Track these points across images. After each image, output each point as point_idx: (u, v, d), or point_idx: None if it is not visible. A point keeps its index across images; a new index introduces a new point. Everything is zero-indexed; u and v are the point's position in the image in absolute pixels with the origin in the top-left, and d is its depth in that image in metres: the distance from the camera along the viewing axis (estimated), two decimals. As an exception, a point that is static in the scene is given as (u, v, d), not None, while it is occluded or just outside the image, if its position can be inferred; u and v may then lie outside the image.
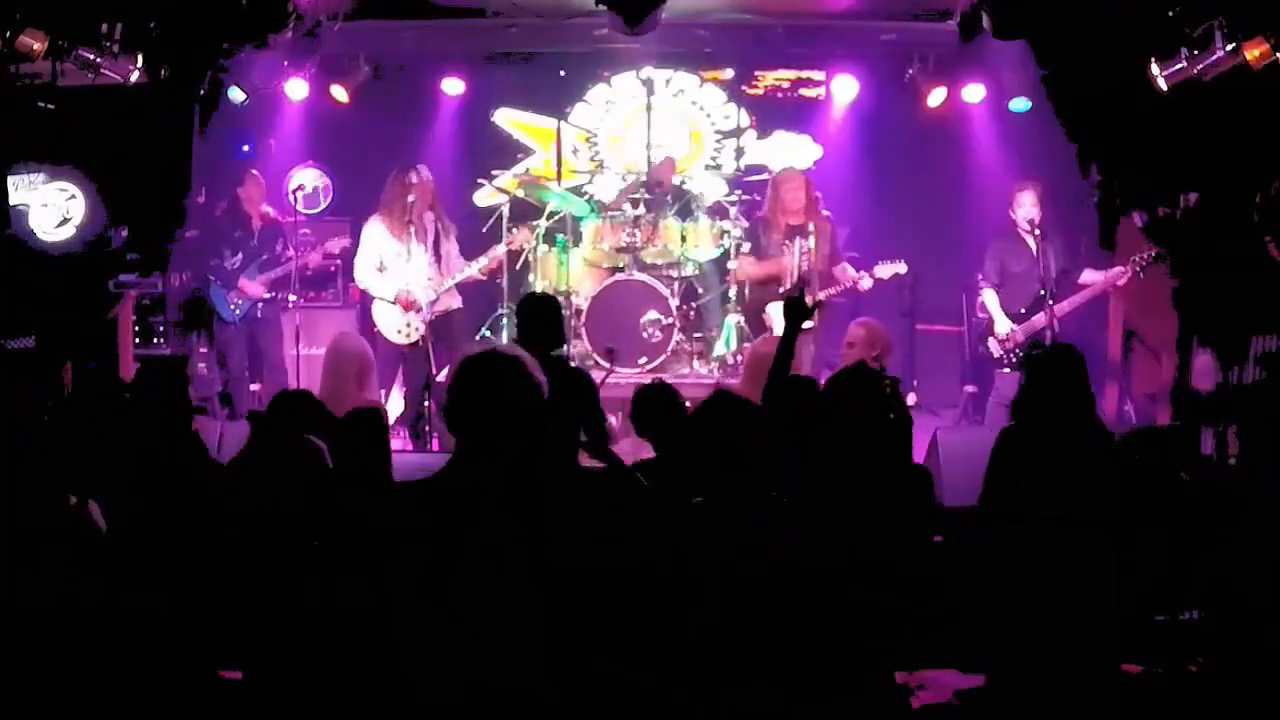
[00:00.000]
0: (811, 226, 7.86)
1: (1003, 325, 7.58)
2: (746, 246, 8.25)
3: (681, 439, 4.54)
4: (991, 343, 7.66)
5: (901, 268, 7.91)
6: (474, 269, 7.83)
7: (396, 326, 7.61)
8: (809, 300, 7.66)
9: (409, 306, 7.60)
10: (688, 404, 5.03)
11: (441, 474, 3.05)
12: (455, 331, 7.82)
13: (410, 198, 7.54)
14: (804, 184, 8.04)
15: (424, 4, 8.41)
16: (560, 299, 8.45)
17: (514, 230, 8.38)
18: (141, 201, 7.30)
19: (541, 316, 5.62)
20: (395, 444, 7.14)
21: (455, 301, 7.90)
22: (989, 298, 7.68)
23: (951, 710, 4.02)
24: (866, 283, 7.87)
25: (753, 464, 3.67)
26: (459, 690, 2.86)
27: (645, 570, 3.59)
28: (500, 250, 8.21)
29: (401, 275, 7.61)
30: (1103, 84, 6.97)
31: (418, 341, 7.60)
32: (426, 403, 7.59)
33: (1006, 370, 7.60)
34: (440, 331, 7.69)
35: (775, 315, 7.86)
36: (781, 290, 5.21)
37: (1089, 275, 7.62)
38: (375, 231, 7.66)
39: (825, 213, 7.74)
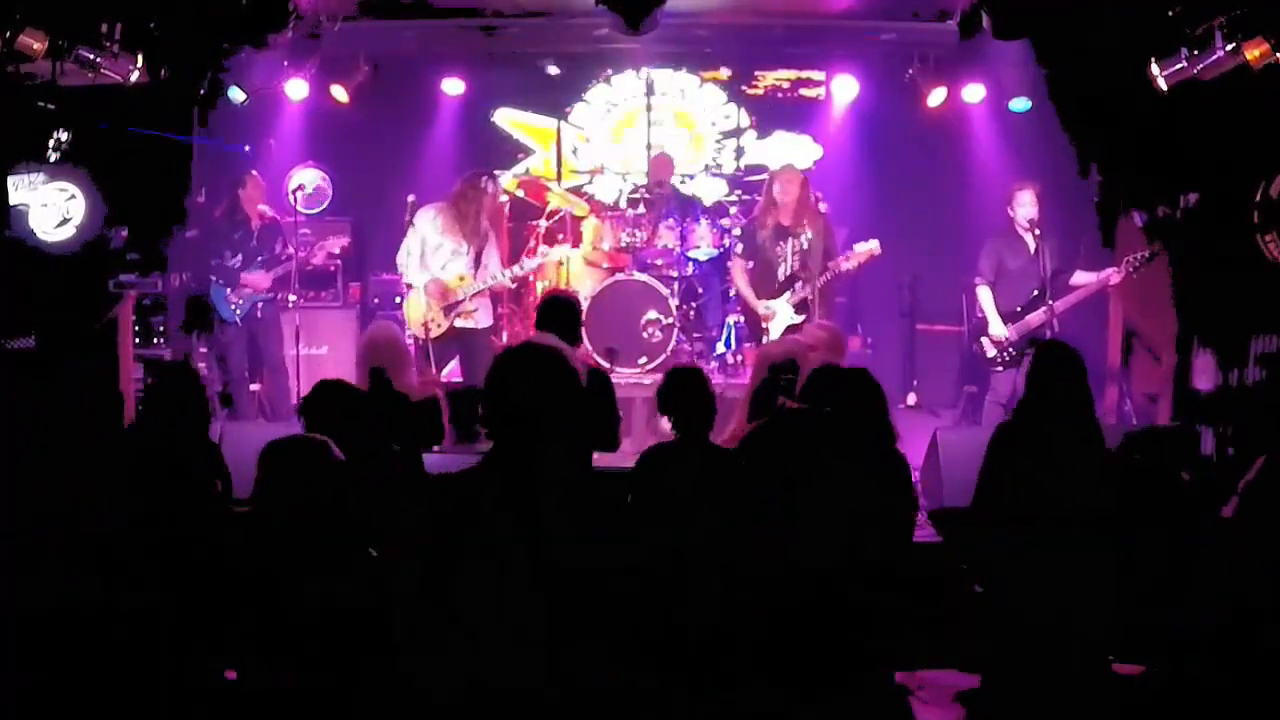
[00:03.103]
0: (807, 228, 7.83)
1: (996, 325, 7.53)
2: (740, 248, 8.20)
3: (704, 424, 4.56)
4: (985, 341, 7.60)
5: (874, 246, 7.86)
6: (505, 277, 7.74)
7: (419, 320, 7.56)
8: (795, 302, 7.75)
9: (439, 295, 7.50)
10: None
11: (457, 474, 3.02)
12: (479, 352, 7.66)
13: (476, 204, 7.54)
14: (799, 182, 7.96)
15: (424, 4, 8.40)
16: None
17: (547, 248, 8.49)
18: (141, 201, 7.30)
19: (560, 314, 5.66)
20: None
21: (485, 318, 7.78)
22: (983, 294, 7.63)
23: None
24: (846, 265, 7.84)
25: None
26: (459, 690, 2.86)
27: (645, 570, 3.59)
28: (533, 264, 8.27)
29: (435, 269, 7.57)
30: (1103, 84, 6.97)
31: (428, 339, 7.55)
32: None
33: (1000, 369, 7.57)
34: (465, 348, 7.65)
35: (774, 312, 7.86)
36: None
37: (1080, 277, 7.57)
38: (426, 219, 7.61)
39: (822, 208, 7.68)
